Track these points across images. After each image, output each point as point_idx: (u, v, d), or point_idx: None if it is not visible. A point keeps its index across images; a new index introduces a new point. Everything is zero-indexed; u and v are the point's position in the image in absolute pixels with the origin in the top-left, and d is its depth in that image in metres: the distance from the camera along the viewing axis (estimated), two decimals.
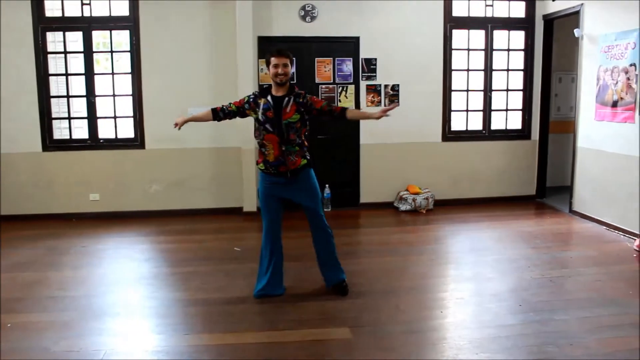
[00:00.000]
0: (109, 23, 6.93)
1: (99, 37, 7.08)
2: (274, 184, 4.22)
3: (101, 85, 7.06)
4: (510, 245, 5.73)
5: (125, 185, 7.14)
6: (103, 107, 7.11)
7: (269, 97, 4.14)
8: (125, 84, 7.07)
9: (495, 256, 5.35)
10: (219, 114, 4.28)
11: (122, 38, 7.10)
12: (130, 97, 7.05)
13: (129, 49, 6.99)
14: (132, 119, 7.10)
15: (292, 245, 5.72)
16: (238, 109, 4.26)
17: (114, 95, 7.05)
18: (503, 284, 4.62)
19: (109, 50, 7.06)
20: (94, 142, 7.09)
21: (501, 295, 4.36)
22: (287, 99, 4.12)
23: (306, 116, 4.19)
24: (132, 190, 7.15)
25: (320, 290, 4.44)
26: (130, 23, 6.90)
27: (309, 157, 4.25)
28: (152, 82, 6.99)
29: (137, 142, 7.11)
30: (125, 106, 7.12)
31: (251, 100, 4.22)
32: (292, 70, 4.10)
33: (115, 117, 7.10)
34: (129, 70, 7.01)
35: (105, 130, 7.15)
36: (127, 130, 7.16)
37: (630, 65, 5.77)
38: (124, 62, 7.09)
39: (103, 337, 3.71)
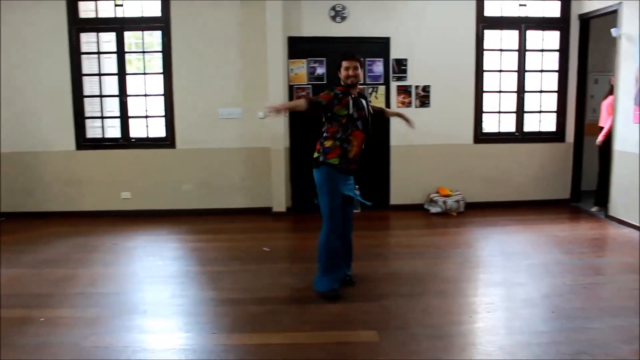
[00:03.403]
0: (141, 24, 7.03)
1: (132, 38, 7.17)
2: (340, 181, 4.31)
3: (133, 85, 7.16)
4: (543, 250, 5.61)
5: (156, 184, 7.21)
6: (135, 106, 7.21)
7: (353, 97, 4.29)
8: (156, 84, 7.15)
9: (527, 261, 5.24)
10: (313, 105, 4.20)
11: (154, 38, 7.18)
12: (162, 97, 7.13)
13: (160, 49, 7.06)
14: (163, 118, 7.17)
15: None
16: (327, 103, 4.19)
17: (145, 95, 7.14)
18: (534, 289, 4.51)
19: (141, 50, 7.15)
20: (125, 141, 7.19)
21: (533, 301, 4.25)
22: (364, 100, 4.41)
23: None
24: (163, 189, 7.22)
25: (346, 292, 4.40)
26: (162, 24, 6.97)
27: None
28: (183, 82, 7.05)
29: (168, 141, 7.17)
30: (157, 106, 7.21)
31: (340, 95, 4.24)
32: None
33: (146, 117, 7.19)
34: (161, 71, 7.09)
35: (137, 130, 7.24)
36: (158, 129, 7.24)
37: None
38: (155, 63, 7.18)
39: (131, 334, 3.74)
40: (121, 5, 6.94)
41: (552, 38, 7.48)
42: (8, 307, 4.17)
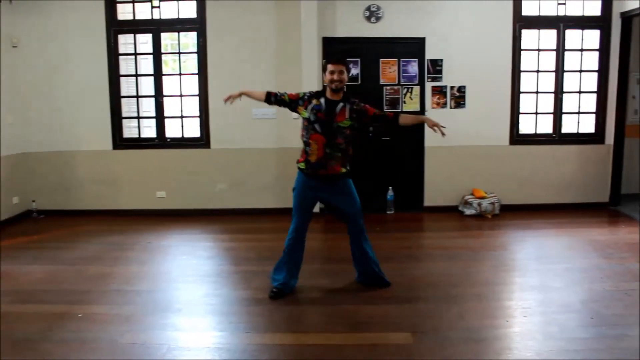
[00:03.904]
0: (177, 25, 7.11)
1: (167, 39, 7.27)
2: (311, 186, 4.36)
3: (169, 85, 7.24)
4: (580, 254, 5.47)
5: (191, 183, 7.28)
6: (170, 107, 7.29)
7: (322, 99, 4.25)
8: (192, 85, 7.22)
9: (564, 265, 5.12)
10: (271, 98, 4.40)
11: (189, 39, 7.26)
12: (197, 97, 7.20)
13: (196, 50, 7.13)
14: (198, 118, 7.24)
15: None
16: (290, 101, 4.37)
17: (181, 96, 7.22)
18: (572, 294, 4.40)
19: (177, 51, 7.24)
20: (161, 141, 7.28)
21: (570, 306, 4.15)
22: (341, 103, 4.25)
23: (356, 124, 4.29)
24: (198, 188, 7.29)
25: (380, 294, 4.39)
26: (198, 25, 7.04)
27: (349, 168, 4.37)
28: (218, 83, 7.10)
29: (203, 141, 7.24)
30: (192, 106, 7.27)
31: (305, 97, 4.32)
32: (348, 77, 4.29)
33: (182, 117, 7.26)
34: (196, 71, 7.16)
35: (172, 130, 7.33)
36: (193, 129, 7.31)
37: None
38: (191, 63, 7.25)
39: (166, 331, 3.78)
40: (158, 7, 7.03)
41: (592, 37, 7.29)
42: (48, 303, 4.29)
